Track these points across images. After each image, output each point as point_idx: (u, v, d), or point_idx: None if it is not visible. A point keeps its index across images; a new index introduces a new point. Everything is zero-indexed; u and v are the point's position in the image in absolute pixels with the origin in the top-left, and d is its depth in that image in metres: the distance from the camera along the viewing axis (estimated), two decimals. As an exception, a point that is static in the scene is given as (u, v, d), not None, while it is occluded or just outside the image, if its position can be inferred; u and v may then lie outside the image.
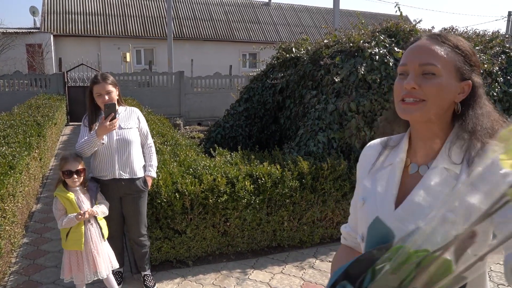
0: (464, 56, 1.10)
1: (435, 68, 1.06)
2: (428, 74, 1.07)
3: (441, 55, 1.07)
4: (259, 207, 4.07)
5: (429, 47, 1.09)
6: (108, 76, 3.36)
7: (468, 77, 1.10)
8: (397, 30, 5.62)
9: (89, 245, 3.08)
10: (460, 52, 1.09)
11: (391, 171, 1.19)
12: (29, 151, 5.05)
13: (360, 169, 1.32)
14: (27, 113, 7.83)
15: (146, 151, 3.60)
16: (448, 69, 1.07)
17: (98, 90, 3.26)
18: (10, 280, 3.77)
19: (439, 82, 1.06)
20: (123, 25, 23.59)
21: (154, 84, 15.03)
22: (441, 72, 1.06)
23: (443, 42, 1.09)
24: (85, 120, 3.42)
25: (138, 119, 3.53)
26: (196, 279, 3.81)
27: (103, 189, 3.37)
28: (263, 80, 7.17)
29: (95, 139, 3.18)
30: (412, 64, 1.09)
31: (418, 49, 1.10)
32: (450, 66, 1.07)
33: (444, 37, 1.11)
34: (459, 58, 1.09)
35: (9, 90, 13.69)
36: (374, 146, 1.32)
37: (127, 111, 3.52)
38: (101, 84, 3.27)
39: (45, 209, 5.52)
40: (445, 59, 1.07)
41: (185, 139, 5.86)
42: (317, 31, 26.77)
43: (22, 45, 20.21)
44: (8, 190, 3.78)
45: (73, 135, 11.71)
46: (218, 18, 26.38)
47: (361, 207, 1.22)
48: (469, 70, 1.10)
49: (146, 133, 3.61)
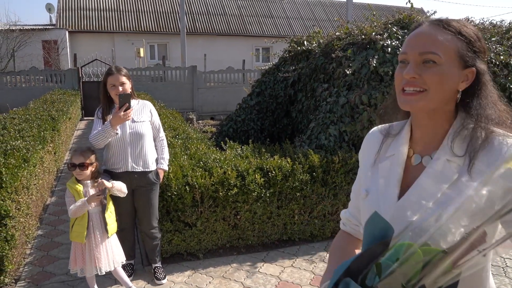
0: (467, 42, 1.05)
1: (436, 57, 1.02)
2: (429, 62, 1.03)
3: (442, 42, 1.03)
4: (270, 200, 4.07)
5: (430, 34, 1.04)
6: (122, 68, 3.42)
7: (472, 64, 1.05)
8: (410, 21, 5.54)
9: (92, 240, 3.10)
10: (463, 38, 1.05)
11: (393, 162, 1.16)
12: (43, 145, 5.12)
13: (363, 157, 1.30)
14: (42, 108, 7.94)
15: (158, 144, 3.63)
16: (450, 56, 1.03)
17: (112, 81, 3.31)
18: (24, 270, 3.84)
19: (440, 71, 1.02)
20: (137, 21, 23.73)
21: (167, 79, 15.11)
22: (442, 60, 1.02)
23: (445, 28, 1.05)
24: (99, 112, 3.46)
25: (150, 113, 3.56)
26: (206, 271, 3.82)
27: (116, 180, 3.39)
28: (274, 74, 7.14)
29: (109, 129, 3.21)
30: (412, 53, 1.05)
31: (418, 36, 1.06)
32: (452, 53, 1.03)
33: (446, 22, 1.06)
34: (462, 44, 1.04)
35: (26, 85, 13.91)
36: (375, 133, 1.28)
37: (140, 104, 3.55)
38: (115, 75, 3.31)
39: (59, 202, 5.60)
40: (446, 46, 1.03)
41: (196, 133, 5.88)
42: (331, 24, 26.57)
43: (38, 42, 20.48)
44: (22, 183, 3.84)
45: (87, 130, 11.84)
46: (231, 12, 26.35)
47: (364, 198, 1.20)
48: (472, 57, 1.05)
49: (158, 127, 3.64)
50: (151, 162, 3.50)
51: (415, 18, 5.61)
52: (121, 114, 3.18)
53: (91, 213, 3.11)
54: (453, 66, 1.03)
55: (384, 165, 1.18)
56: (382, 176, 1.17)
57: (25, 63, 17.49)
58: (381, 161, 1.19)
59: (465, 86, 1.06)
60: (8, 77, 13.82)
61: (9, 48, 19.07)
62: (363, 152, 1.31)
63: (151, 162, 3.50)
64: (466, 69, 1.05)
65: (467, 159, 1.03)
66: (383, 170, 1.17)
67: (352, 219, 1.35)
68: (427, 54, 1.03)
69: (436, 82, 1.02)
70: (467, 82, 1.06)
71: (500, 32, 6.37)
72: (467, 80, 1.06)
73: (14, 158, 4.02)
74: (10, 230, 3.35)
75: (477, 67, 1.06)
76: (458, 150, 1.05)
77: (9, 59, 18.78)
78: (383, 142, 1.22)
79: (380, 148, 1.22)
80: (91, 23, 22.82)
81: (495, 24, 6.96)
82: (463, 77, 1.05)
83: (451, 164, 1.05)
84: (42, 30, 21.25)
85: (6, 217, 3.28)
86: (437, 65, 1.02)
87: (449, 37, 1.04)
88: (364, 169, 1.27)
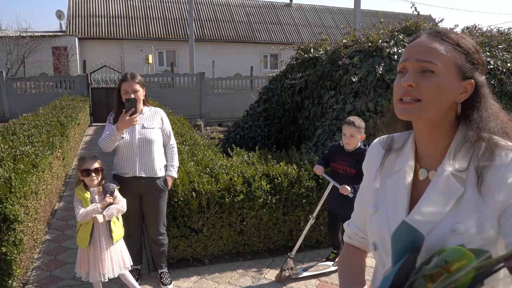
0: (466, 54, 1.04)
1: (434, 66, 1.01)
2: (427, 71, 1.02)
3: (441, 53, 1.02)
4: (276, 206, 4.08)
5: (429, 45, 1.04)
6: (137, 75, 3.46)
7: (471, 76, 1.04)
8: (417, 29, 5.55)
9: (97, 246, 3.12)
10: (461, 49, 1.04)
11: (401, 177, 1.14)
12: (52, 151, 5.17)
13: (366, 171, 1.29)
14: (51, 114, 8.02)
15: (169, 151, 3.67)
16: (448, 67, 1.02)
17: (125, 88, 3.36)
18: (32, 275, 3.88)
19: (438, 81, 1.01)
20: (146, 27, 23.94)
21: (175, 85, 15.19)
22: (440, 71, 1.01)
23: (443, 40, 1.04)
24: (111, 117, 3.51)
25: (161, 120, 3.60)
26: (212, 277, 3.84)
27: (124, 186, 3.43)
28: (282, 81, 7.18)
29: (116, 133, 3.27)
30: (410, 61, 1.05)
31: (417, 46, 1.06)
32: (450, 63, 1.02)
33: (445, 34, 1.06)
34: (460, 56, 1.03)
35: (36, 91, 14.07)
36: (376, 147, 1.27)
37: (152, 111, 3.59)
38: (129, 82, 3.37)
39: (67, 207, 5.65)
40: (445, 57, 1.02)
41: (203, 139, 5.91)
42: (339, 31, 26.60)
43: (48, 48, 20.74)
44: (31, 188, 3.89)
45: (96, 136, 11.93)
46: (239, 19, 26.49)
47: (373, 215, 1.19)
48: (471, 69, 1.04)
49: (169, 134, 3.67)
50: (159, 169, 3.53)
51: (422, 25, 5.62)
52: (126, 118, 3.23)
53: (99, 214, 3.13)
54: (451, 77, 1.02)
55: (392, 181, 1.16)
56: (390, 192, 1.15)
57: (35, 69, 17.68)
58: (389, 176, 1.18)
59: (464, 98, 1.05)
60: (18, 83, 13.99)
61: (19, 55, 19.33)
62: (365, 166, 1.30)
63: (159, 168, 3.53)
64: (464, 81, 1.04)
65: (472, 173, 1.01)
66: (391, 186, 1.16)
67: (359, 231, 1.33)
68: (425, 63, 1.02)
69: (432, 92, 1.01)
70: (466, 94, 1.05)
71: (508, 39, 6.36)
72: (466, 92, 1.04)
73: (23, 164, 4.08)
74: (18, 235, 3.40)
75: (476, 79, 1.05)
76: (461, 163, 1.03)
77: (19, 66, 19.02)
78: (385, 156, 1.21)
79: (383, 163, 1.21)
80: (101, 30, 23.06)
81: (503, 31, 6.95)
82: (462, 89, 1.04)
83: (456, 178, 1.03)
84: (52, 37, 21.51)
85: (15, 222, 3.32)
86: (435, 75, 1.02)
87: (447, 48, 1.03)
88: (367, 183, 1.26)
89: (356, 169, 3.57)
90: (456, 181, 1.03)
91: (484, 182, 0.99)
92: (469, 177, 1.02)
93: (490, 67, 5.52)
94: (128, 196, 3.40)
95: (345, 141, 3.60)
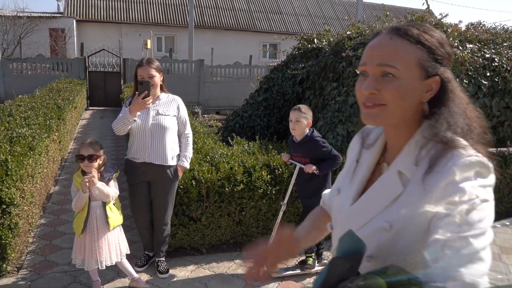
0: (428, 51, 1.00)
1: (394, 70, 0.97)
2: (388, 75, 0.98)
3: (400, 54, 0.98)
4: (275, 197, 4.04)
5: (388, 45, 1.00)
6: (154, 61, 3.41)
7: (435, 73, 1.00)
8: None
9: (94, 233, 3.07)
10: (422, 46, 0.99)
11: (363, 169, 1.17)
12: (48, 134, 5.09)
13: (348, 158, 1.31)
14: (48, 96, 7.91)
15: (183, 140, 3.61)
16: (409, 68, 0.98)
17: (141, 73, 3.32)
18: (27, 259, 3.83)
19: (399, 85, 0.98)
20: (145, 12, 23.66)
21: (174, 71, 15.05)
22: (401, 73, 0.97)
23: (403, 37, 1.00)
24: (127, 101, 3.46)
25: (178, 108, 3.54)
26: (209, 267, 3.80)
27: (134, 171, 3.41)
28: (283, 71, 7.10)
29: (128, 116, 3.24)
30: (370, 65, 1.01)
31: (376, 47, 1.02)
32: (411, 64, 0.98)
33: (405, 31, 1.01)
34: (422, 53, 0.99)
35: (32, 73, 13.88)
36: (356, 140, 1.29)
37: (169, 98, 3.54)
38: (145, 67, 3.32)
39: (62, 191, 5.59)
40: (405, 58, 0.98)
41: (203, 127, 5.85)
42: (339, 23, 26.46)
43: (45, 30, 20.47)
44: (27, 171, 3.82)
45: (92, 120, 11.84)
46: (239, 7, 26.24)
47: (336, 195, 1.23)
48: (434, 66, 1.00)
49: (185, 122, 3.62)
50: (170, 157, 3.47)
51: (427, 20, 5.56)
52: (139, 101, 3.19)
53: (92, 206, 3.08)
54: (414, 78, 0.98)
55: (357, 171, 1.19)
56: (352, 181, 1.19)
57: (32, 51, 17.44)
58: (358, 167, 1.20)
59: (429, 96, 1.01)
60: (14, 64, 13.79)
61: (16, 35, 19.05)
62: (348, 153, 1.32)
63: (170, 157, 3.47)
64: (429, 79, 1.00)
65: (420, 172, 0.98)
66: (355, 176, 1.19)
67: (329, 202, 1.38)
68: (385, 67, 0.98)
69: (394, 97, 0.98)
70: (432, 92, 1.01)
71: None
72: (431, 90, 1.01)
73: (19, 146, 4.00)
74: (14, 218, 3.34)
75: (440, 75, 1.00)
76: (411, 161, 1.01)
77: (15, 46, 18.77)
78: (361, 150, 1.22)
79: (359, 157, 1.22)
80: (99, 13, 22.77)
81: (507, 29, 6.90)
82: (427, 88, 1.00)
83: (401, 176, 1.01)
84: (50, 18, 21.22)
85: (10, 205, 3.27)
86: (396, 78, 0.98)
87: (408, 47, 0.99)
88: (345, 169, 1.28)
89: (310, 157, 3.51)
90: (400, 179, 1.01)
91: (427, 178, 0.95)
92: (415, 176, 0.99)
93: (495, 64, 5.47)
94: (137, 183, 3.39)
95: (291, 126, 3.55)
